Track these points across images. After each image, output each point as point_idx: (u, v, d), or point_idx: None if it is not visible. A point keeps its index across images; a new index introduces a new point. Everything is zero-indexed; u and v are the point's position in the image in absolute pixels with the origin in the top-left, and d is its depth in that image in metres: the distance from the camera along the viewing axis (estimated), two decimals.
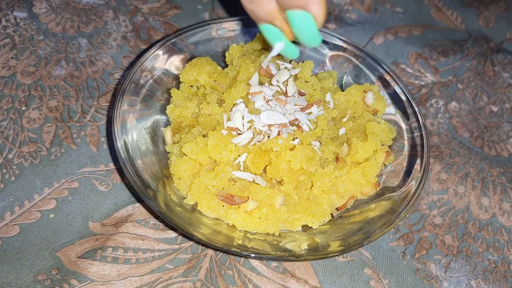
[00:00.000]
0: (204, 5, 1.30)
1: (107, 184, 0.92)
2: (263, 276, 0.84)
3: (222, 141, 0.83)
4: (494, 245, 0.95)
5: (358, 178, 0.86)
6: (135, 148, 0.84)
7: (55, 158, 0.94)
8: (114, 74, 1.09)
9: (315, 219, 0.82)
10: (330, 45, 1.06)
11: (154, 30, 1.21)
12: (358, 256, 0.89)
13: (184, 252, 0.85)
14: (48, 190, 0.90)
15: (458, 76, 1.25)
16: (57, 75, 1.07)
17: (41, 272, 0.80)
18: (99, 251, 0.83)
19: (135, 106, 0.90)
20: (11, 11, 1.17)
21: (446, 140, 1.10)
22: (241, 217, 0.80)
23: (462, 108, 1.18)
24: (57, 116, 1.00)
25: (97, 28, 1.18)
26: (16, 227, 0.84)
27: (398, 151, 0.94)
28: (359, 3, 1.39)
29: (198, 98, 0.95)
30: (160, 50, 0.97)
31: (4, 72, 1.05)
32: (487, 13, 1.45)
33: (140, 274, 0.81)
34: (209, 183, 0.81)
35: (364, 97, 0.98)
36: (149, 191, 0.78)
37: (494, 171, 1.06)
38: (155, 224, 0.88)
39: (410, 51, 1.29)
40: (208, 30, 1.03)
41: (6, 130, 0.96)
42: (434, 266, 0.90)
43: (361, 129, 0.94)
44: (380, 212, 0.83)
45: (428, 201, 0.99)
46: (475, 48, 1.33)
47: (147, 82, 0.94)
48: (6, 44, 1.10)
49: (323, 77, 1.02)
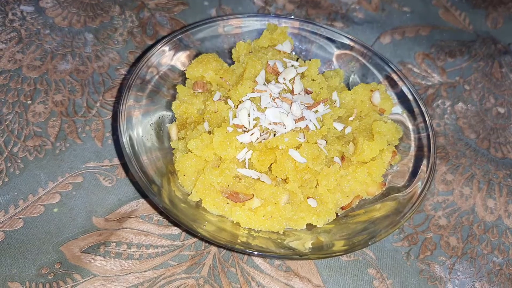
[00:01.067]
0: (210, 1, 1.29)
1: (111, 179, 0.92)
2: (266, 274, 0.84)
3: (227, 138, 0.82)
4: (499, 247, 0.94)
5: (364, 177, 0.86)
6: (140, 143, 0.84)
7: (60, 152, 0.94)
8: (120, 70, 1.09)
9: (320, 218, 0.82)
10: (337, 43, 1.06)
11: (161, 25, 1.20)
12: (362, 256, 0.88)
13: (188, 248, 0.85)
14: (52, 184, 0.90)
15: (465, 77, 1.25)
16: (63, 69, 1.06)
17: (44, 266, 0.80)
18: (102, 246, 0.83)
19: (140, 102, 0.90)
20: (17, 5, 1.17)
21: (452, 141, 1.09)
22: (246, 214, 0.79)
23: (468, 109, 1.17)
24: (62, 110, 1.00)
25: (103, 23, 1.18)
26: (20, 221, 0.84)
27: (404, 151, 0.93)
28: (366, 2, 1.39)
29: (204, 95, 0.94)
30: (167, 46, 0.97)
31: (10, 66, 1.05)
32: (495, 14, 1.44)
33: (143, 270, 0.81)
34: (214, 180, 0.81)
35: (371, 96, 0.97)
36: (153, 187, 0.78)
37: (500, 173, 1.05)
38: (159, 220, 0.88)
39: (417, 51, 1.28)
40: (214, 27, 1.03)
41: (11, 123, 0.96)
42: (439, 268, 0.89)
43: (367, 128, 0.93)
44: (385, 212, 0.82)
45: (433, 202, 0.98)
46: (483, 49, 1.32)
47: (153, 78, 0.94)
48: (12, 38, 1.10)
49: (330, 76, 1.01)
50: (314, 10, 1.33)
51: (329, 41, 1.06)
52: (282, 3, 1.33)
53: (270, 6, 1.31)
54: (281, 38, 1.01)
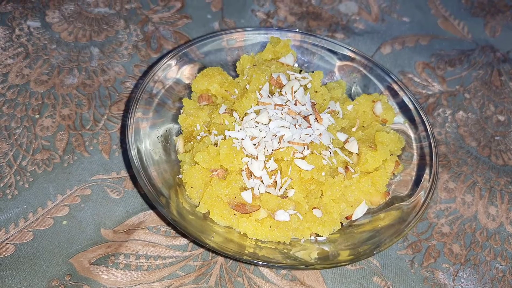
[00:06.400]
0: (214, 14, 1.31)
1: (119, 191, 0.94)
2: (273, 284, 0.85)
3: (233, 150, 0.84)
4: (502, 254, 0.95)
5: (368, 187, 0.87)
6: (148, 156, 0.86)
7: (68, 165, 0.96)
8: (126, 83, 1.11)
9: (325, 228, 0.83)
10: (338, 55, 1.07)
11: (165, 39, 1.22)
12: (366, 264, 0.89)
13: (195, 259, 0.86)
14: (61, 197, 0.91)
15: (465, 85, 1.26)
16: (70, 83, 1.08)
17: (55, 278, 0.81)
18: (111, 258, 0.84)
19: (147, 115, 0.92)
20: (24, 21, 1.20)
21: (454, 149, 1.11)
22: (253, 225, 0.81)
23: (469, 117, 1.19)
24: (69, 124, 1.02)
25: (108, 37, 1.20)
26: (29, 234, 0.86)
27: (406, 160, 0.95)
28: (366, 13, 1.41)
29: (209, 107, 0.96)
30: (172, 60, 0.98)
31: (18, 81, 1.07)
32: (493, 23, 1.46)
33: (152, 281, 0.83)
34: (221, 192, 0.82)
35: (373, 107, 0.99)
36: (162, 199, 0.79)
37: (501, 180, 1.06)
38: (166, 231, 0.89)
39: (417, 61, 1.30)
40: (218, 41, 1.05)
41: (20, 137, 0.98)
42: (442, 275, 0.90)
43: (370, 138, 0.95)
44: (389, 222, 0.84)
45: (436, 210, 0.99)
46: (482, 58, 1.34)
47: (159, 91, 0.96)
48: (19, 53, 1.12)
49: (332, 87, 1.03)
50: (315, 21, 1.35)
51: (330, 52, 1.08)
52: (283, 15, 1.35)
53: (272, 18, 1.33)
54: (284, 51, 1.03)
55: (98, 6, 1.27)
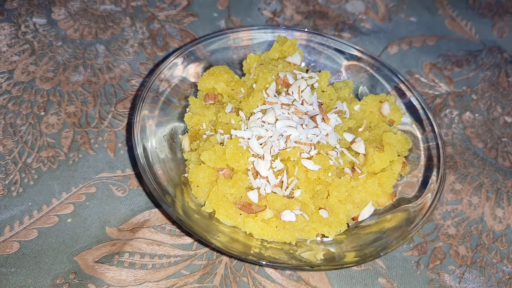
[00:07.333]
0: (220, 12, 1.31)
1: (123, 189, 0.93)
2: (278, 284, 0.84)
3: (240, 150, 0.83)
4: (508, 256, 0.94)
5: (375, 188, 0.87)
6: (154, 155, 0.86)
7: (73, 163, 0.95)
8: (131, 81, 1.11)
9: (331, 229, 0.83)
10: (345, 54, 1.07)
11: (171, 37, 1.22)
12: (372, 265, 0.89)
13: (200, 258, 0.86)
14: (66, 194, 0.91)
15: (472, 86, 1.26)
16: (75, 81, 1.08)
17: (59, 276, 0.81)
18: (116, 256, 0.84)
19: (153, 113, 0.91)
20: (30, 18, 1.19)
21: (460, 151, 1.10)
22: (259, 225, 0.80)
23: (476, 118, 1.18)
24: (75, 121, 1.01)
25: (114, 34, 1.20)
26: (34, 231, 0.86)
27: (413, 161, 0.94)
28: (373, 12, 1.40)
29: (216, 106, 0.96)
30: (178, 59, 0.98)
31: (23, 78, 1.07)
32: (501, 23, 1.45)
33: (157, 280, 0.82)
34: (227, 191, 0.82)
35: (380, 107, 0.98)
36: (167, 197, 0.79)
37: (508, 182, 1.06)
38: (171, 230, 0.89)
39: (425, 61, 1.29)
40: (225, 39, 1.04)
41: (25, 135, 0.98)
42: (448, 277, 0.90)
43: (377, 139, 0.94)
44: (396, 223, 0.83)
45: (442, 211, 0.99)
46: (489, 58, 1.33)
47: (165, 90, 0.95)
48: (25, 50, 1.12)
49: (339, 87, 1.02)
50: (322, 20, 1.34)
51: (338, 52, 1.07)
52: (290, 14, 1.34)
53: (278, 17, 1.33)
54: (291, 50, 1.02)
55: (104, 3, 1.26)
